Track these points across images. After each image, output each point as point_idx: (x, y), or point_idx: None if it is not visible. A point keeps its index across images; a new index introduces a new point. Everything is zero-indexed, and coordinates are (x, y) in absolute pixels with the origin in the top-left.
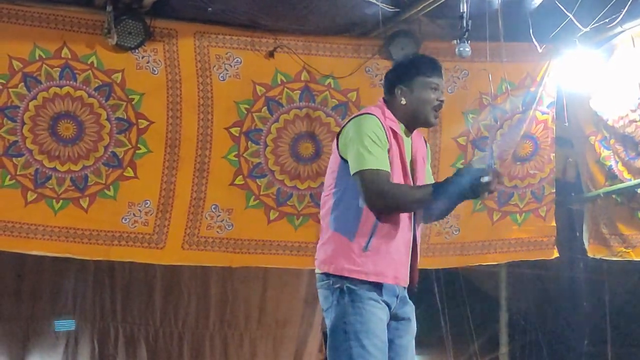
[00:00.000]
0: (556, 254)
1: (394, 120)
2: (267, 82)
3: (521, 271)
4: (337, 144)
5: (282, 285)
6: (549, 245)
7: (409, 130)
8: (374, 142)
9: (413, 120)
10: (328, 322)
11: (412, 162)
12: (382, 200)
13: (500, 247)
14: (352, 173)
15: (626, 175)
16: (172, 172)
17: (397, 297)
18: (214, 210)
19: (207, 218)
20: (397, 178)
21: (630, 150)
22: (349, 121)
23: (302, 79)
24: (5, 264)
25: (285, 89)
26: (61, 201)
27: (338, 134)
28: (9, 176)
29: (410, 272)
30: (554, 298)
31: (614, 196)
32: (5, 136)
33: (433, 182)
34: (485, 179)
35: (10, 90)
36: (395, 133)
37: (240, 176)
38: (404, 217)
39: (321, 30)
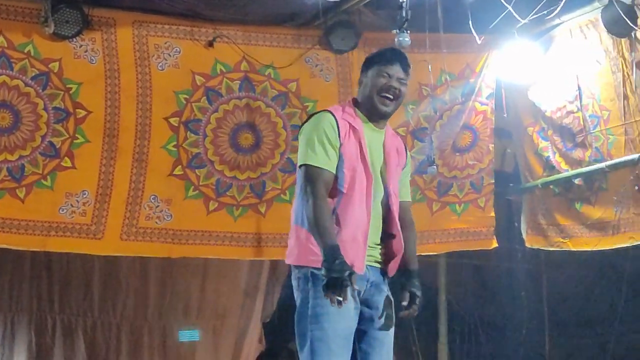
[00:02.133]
0: (495, 244)
1: (353, 116)
2: (207, 72)
3: (460, 261)
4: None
5: (222, 276)
6: (488, 235)
7: (374, 122)
8: (321, 140)
9: (369, 110)
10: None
11: (385, 155)
12: (309, 200)
13: (440, 238)
14: (297, 165)
15: (563, 166)
16: (111, 162)
17: (367, 282)
18: (152, 201)
19: (145, 208)
20: (359, 172)
21: (568, 141)
22: (309, 117)
23: (242, 69)
24: None
25: (225, 79)
26: None
27: (299, 129)
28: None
29: (388, 262)
30: (493, 288)
31: (551, 187)
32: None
33: (408, 188)
34: (347, 273)
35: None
36: (354, 129)
37: (179, 166)
38: (361, 207)
39: (261, 20)
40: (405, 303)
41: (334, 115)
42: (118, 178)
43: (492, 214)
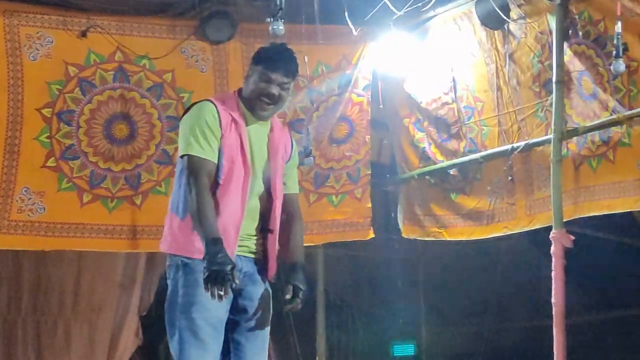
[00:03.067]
0: (372, 235)
1: (235, 108)
2: (80, 62)
3: (338, 252)
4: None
5: (97, 269)
6: (365, 226)
7: (257, 117)
8: (202, 129)
9: (250, 107)
10: None
11: (268, 151)
12: (192, 192)
13: (317, 229)
14: (179, 154)
15: (439, 157)
16: None
17: (240, 272)
18: (25, 193)
19: (17, 201)
20: (237, 165)
21: (443, 132)
22: (190, 107)
23: (116, 59)
24: None
25: (99, 69)
26: None
27: (180, 119)
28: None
29: (266, 254)
30: (370, 278)
31: (427, 177)
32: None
33: (295, 180)
34: (229, 267)
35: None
36: (235, 121)
37: (52, 158)
38: (236, 199)
39: (136, 10)
40: (288, 296)
41: (215, 106)
42: None
43: (369, 204)
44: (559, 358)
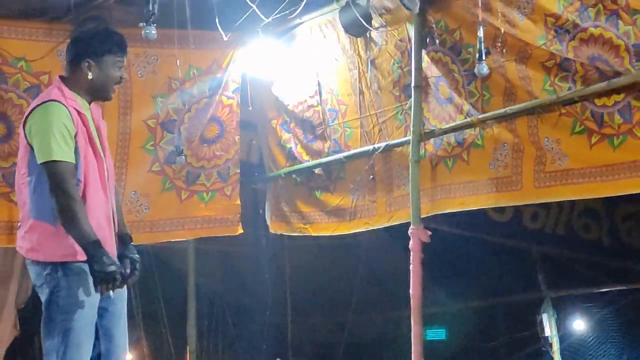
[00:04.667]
0: (240, 230)
1: (74, 99)
2: None
3: (209, 247)
4: (25, 131)
5: None
6: (234, 222)
7: (89, 102)
8: (60, 132)
9: (96, 95)
10: (43, 297)
11: (97, 130)
12: (63, 199)
13: (188, 225)
14: (39, 162)
15: (305, 156)
16: None
17: None
18: None
19: None
20: (90, 158)
21: (309, 133)
22: (34, 108)
23: None
24: None
25: None
26: None
27: (24, 121)
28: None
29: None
30: (240, 272)
31: (293, 176)
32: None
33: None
34: (113, 267)
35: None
36: (79, 113)
37: None
38: (98, 192)
39: (13, 13)
40: (128, 270)
41: (63, 104)
42: None
43: (238, 202)
44: (416, 347)
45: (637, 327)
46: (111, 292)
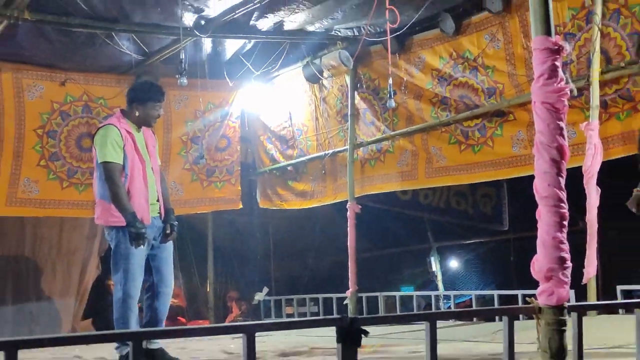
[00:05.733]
0: (240, 206)
1: (127, 124)
2: (60, 100)
3: (222, 216)
4: (93, 143)
5: (72, 227)
6: (237, 200)
7: (139, 127)
8: (112, 143)
9: (142, 124)
10: (111, 247)
11: (146, 147)
12: (112, 187)
13: (208, 202)
14: (98, 162)
15: (281, 159)
16: None
17: (156, 228)
18: (26, 182)
19: (21, 186)
20: (135, 161)
21: (283, 144)
22: (98, 129)
23: (83, 99)
24: None
25: (72, 105)
26: None
27: (93, 136)
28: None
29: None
30: (240, 233)
31: (274, 172)
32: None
33: (159, 163)
34: (143, 229)
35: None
36: (129, 133)
37: (43, 160)
38: (140, 182)
39: (95, 68)
40: (168, 232)
41: (116, 126)
42: None
43: (239, 188)
44: (351, 278)
45: (489, 265)
46: (140, 246)
